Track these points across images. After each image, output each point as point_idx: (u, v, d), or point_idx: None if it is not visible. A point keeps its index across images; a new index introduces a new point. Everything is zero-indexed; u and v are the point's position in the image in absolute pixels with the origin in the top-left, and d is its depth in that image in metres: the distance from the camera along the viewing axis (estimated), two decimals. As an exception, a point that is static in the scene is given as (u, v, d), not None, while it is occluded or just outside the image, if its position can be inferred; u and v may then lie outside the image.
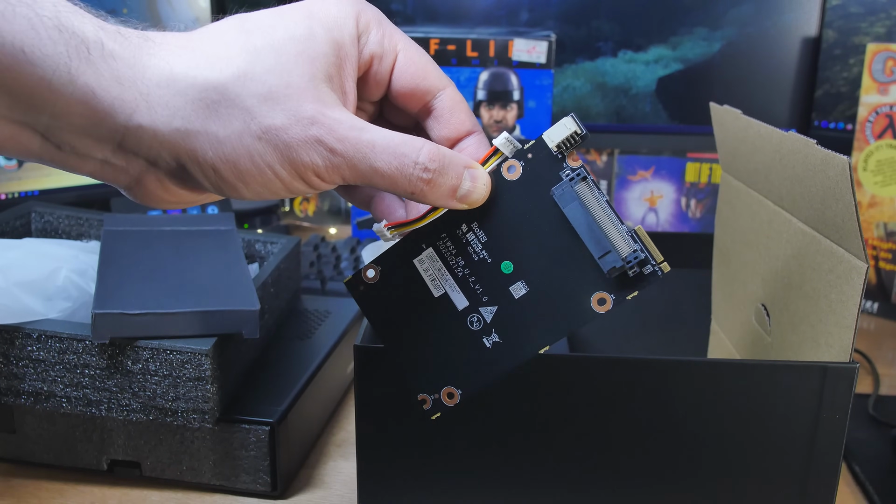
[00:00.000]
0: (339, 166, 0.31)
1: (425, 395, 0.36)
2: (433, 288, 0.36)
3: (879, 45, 0.81)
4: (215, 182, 0.32)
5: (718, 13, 0.94)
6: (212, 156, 0.31)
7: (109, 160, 0.32)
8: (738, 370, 0.39)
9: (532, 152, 0.35)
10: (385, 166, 0.32)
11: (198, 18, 0.98)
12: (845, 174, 0.36)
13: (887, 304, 0.86)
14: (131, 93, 0.30)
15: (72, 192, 0.88)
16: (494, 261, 0.35)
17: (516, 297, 0.35)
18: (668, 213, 1.03)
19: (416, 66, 0.36)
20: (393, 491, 0.42)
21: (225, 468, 0.52)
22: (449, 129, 0.36)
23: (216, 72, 0.31)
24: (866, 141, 0.84)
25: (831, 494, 0.39)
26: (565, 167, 0.34)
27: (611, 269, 0.33)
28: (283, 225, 1.09)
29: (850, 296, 0.38)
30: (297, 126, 0.31)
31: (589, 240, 0.34)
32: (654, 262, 0.34)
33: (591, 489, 0.41)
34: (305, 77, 0.31)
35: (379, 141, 0.32)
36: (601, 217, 0.34)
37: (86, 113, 0.29)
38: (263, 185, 0.32)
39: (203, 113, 0.30)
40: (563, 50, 0.96)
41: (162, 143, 0.31)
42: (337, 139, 0.31)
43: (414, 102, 0.37)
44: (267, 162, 0.31)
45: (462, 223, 0.36)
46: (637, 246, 0.34)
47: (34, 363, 0.49)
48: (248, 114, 0.31)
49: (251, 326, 0.50)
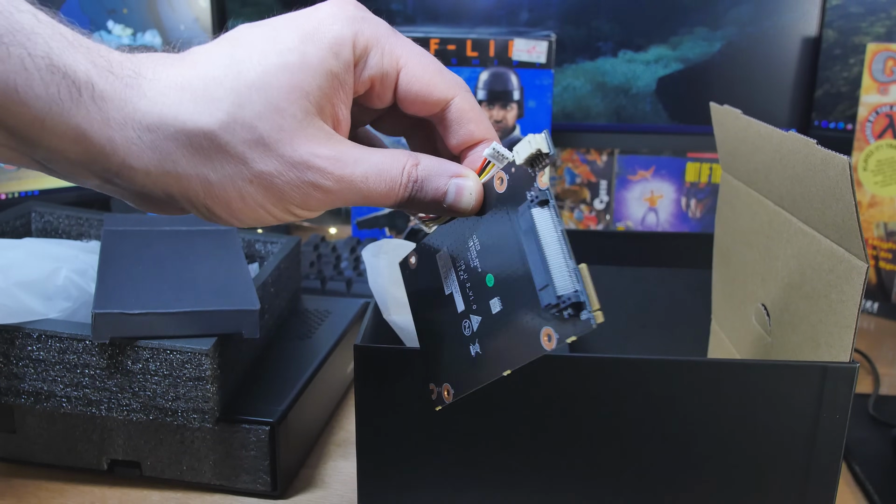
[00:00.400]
0: (333, 202, 0.33)
1: (434, 386, 0.36)
2: (445, 285, 0.37)
3: (879, 44, 0.81)
4: (207, 216, 0.33)
5: (718, 13, 0.94)
6: (203, 196, 0.31)
7: (105, 187, 0.32)
8: (738, 370, 0.39)
9: (514, 166, 0.34)
10: (376, 190, 0.33)
11: (198, 18, 0.98)
12: (845, 174, 0.36)
13: (887, 304, 0.86)
14: (121, 136, 0.30)
15: (72, 192, 0.88)
16: (483, 271, 0.35)
17: (493, 312, 0.34)
18: (668, 213, 1.03)
19: (420, 83, 0.35)
20: (393, 491, 0.42)
21: (225, 468, 0.52)
22: (457, 139, 0.36)
23: (206, 116, 0.30)
24: (866, 141, 0.84)
25: (831, 494, 0.39)
26: (534, 187, 0.32)
27: (547, 305, 0.30)
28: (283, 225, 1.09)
29: (850, 296, 0.38)
30: (291, 172, 0.31)
31: (535, 268, 0.31)
32: (588, 308, 0.29)
33: (592, 489, 0.41)
34: (298, 115, 0.31)
35: (371, 172, 0.33)
36: (550, 247, 0.31)
37: (79, 150, 0.30)
38: (255, 220, 0.33)
39: (194, 158, 0.31)
40: (563, 50, 0.96)
41: (155, 183, 0.31)
42: (333, 181, 0.32)
43: (424, 112, 0.36)
44: (259, 202, 0.32)
45: (467, 227, 0.36)
46: (577, 287, 0.30)
47: (34, 363, 0.49)
48: (239, 160, 0.31)
49: (251, 326, 0.50)
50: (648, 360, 0.39)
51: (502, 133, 0.93)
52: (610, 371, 0.39)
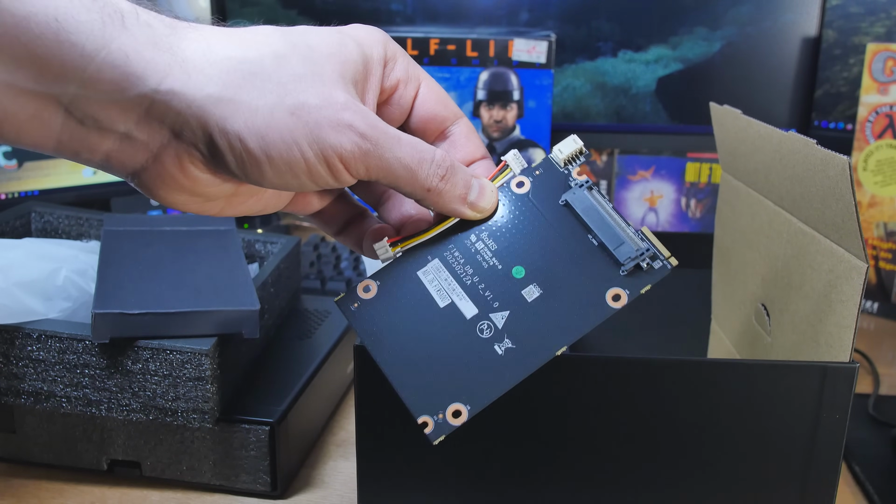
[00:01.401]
0: (367, 153, 0.32)
1: (427, 418, 0.34)
2: (438, 298, 0.36)
3: (879, 44, 0.81)
4: (240, 154, 0.31)
5: (718, 13, 0.94)
6: (241, 125, 0.31)
7: (132, 133, 0.31)
8: (738, 370, 0.39)
9: (540, 168, 0.38)
10: (409, 159, 0.33)
11: (198, 18, 0.98)
12: (845, 174, 0.36)
13: (887, 304, 0.86)
14: (165, 57, 0.30)
15: (72, 192, 0.88)
16: (505, 267, 0.36)
17: (529, 300, 0.36)
18: (668, 213, 1.03)
19: (437, 96, 0.38)
20: (393, 491, 0.42)
21: (225, 468, 0.52)
22: (463, 153, 0.39)
23: (253, 50, 0.32)
24: (866, 141, 0.84)
25: (831, 494, 0.39)
26: (574, 179, 0.38)
27: (626, 259, 0.35)
28: (283, 225, 1.09)
29: (850, 296, 0.38)
30: (330, 108, 0.32)
31: (604, 235, 0.36)
32: (662, 256, 0.36)
33: (592, 489, 0.41)
34: (336, 74, 0.33)
35: (403, 136, 0.34)
36: (613, 216, 0.37)
37: (116, 78, 0.29)
38: (287, 166, 0.32)
39: (237, 82, 0.31)
40: (563, 50, 0.96)
41: (191, 109, 0.30)
42: (368, 125, 0.32)
43: (433, 128, 0.38)
44: (295, 138, 0.31)
45: (471, 233, 0.37)
46: (646, 244, 0.36)
47: (34, 363, 0.49)
48: (282, 88, 0.31)
49: (251, 326, 0.50)
50: (648, 360, 0.39)
51: (502, 133, 0.94)
52: (610, 371, 0.39)
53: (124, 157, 0.32)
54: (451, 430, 0.34)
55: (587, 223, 0.37)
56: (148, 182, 0.33)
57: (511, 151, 0.38)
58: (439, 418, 0.34)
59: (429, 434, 0.34)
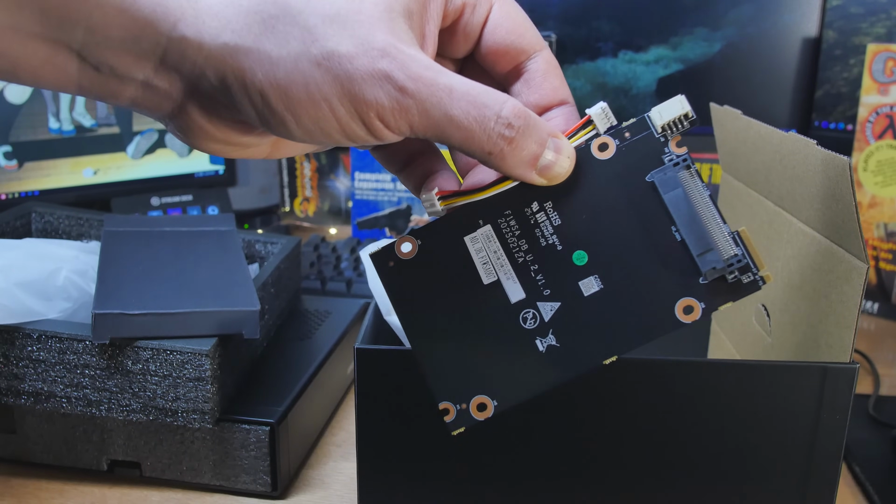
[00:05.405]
0: (409, 109, 0.27)
1: (449, 405, 0.31)
2: (483, 273, 0.31)
3: (880, 45, 0.81)
4: (262, 111, 0.28)
5: (718, 13, 0.94)
6: (261, 78, 0.27)
7: (151, 81, 0.28)
8: (738, 370, 0.39)
9: (631, 131, 0.31)
10: (462, 116, 0.27)
11: None
12: (845, 174, 0.36)
13: (887, 305, 0.86)
14: (175, 2, 0.27)
15: (72, 192, 0.88)
16: (566, 249, 0.31)
17: (586, 294, 0.31)
18: (669, 214, 1.02)
19: (512, 22, 0.32)
20: (393, 491, 0.42)
21: (225, 468, 0.52)
22: (539, 94, 0.32)
23: None
24: (866, 141, 0.84)
25: (831, 495, 0.39)
26: (668, 152, 0.31)
27: (710, 270, 0.30)
28: (283, 225, 1.09)
29: (850, 296, 0.38)
30: (365, 56, 0.27)
31: (689, 234, 0.30)
32: (755, 270, 0.30)
33: (591, 489, 0.41)
34: (381, 6, 0.27)
35: (458, 86, 0.27)
36: (704, 211, 0.30)
37: (124, 24, 0.27)
38: (315, 122, 0.28)
39: (257, 28, 0.27)
40: (563, 50, 0.96)
41: (207, 59, 0.27)
42: (409, 77, 0.27)
43: (505, 63, 0.32)
44: (323, 94, 0.27)
45: (533, 201, 0.31)
46: (740, 250, 0.30)
47: (34, 363, 0.49)
48: (309, 34, 0.27)
49: (251, 326, 0.50)
50: (648, 360, 0.39)
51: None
52: (609, 371, 0.39)
53: (151, 104, 0.29)
54: (472, 423, 0.31)
55: (672, 214, 0.30)
56: (182, 130, 0.30)
57: (599, 104, 0.31)
58: (462, 408, 0.31)
59: (448, 423, 0.31)
